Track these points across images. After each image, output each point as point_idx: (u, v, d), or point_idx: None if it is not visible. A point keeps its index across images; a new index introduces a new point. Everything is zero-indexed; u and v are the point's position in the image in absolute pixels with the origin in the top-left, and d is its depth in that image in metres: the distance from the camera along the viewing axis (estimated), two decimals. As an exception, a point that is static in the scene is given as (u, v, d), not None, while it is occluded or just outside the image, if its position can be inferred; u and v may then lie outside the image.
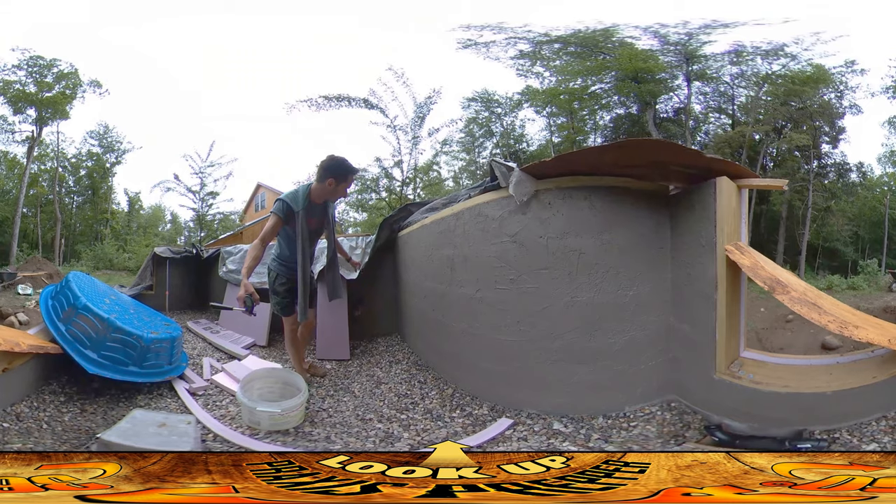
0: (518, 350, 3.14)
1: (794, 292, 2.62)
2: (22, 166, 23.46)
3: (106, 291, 4.45)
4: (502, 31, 19.71)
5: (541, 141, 23.69)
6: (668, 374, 2.97)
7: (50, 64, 22.40)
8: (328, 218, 4.04)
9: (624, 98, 20.39)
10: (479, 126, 24.18)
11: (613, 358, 2.94)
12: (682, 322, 2.92)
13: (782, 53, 17.50)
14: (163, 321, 4.46)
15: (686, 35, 18.08)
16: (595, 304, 2.92)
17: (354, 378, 4.46)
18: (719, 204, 2.65)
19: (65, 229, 25.75)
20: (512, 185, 2.97)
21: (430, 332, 4.45)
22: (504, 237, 3.14)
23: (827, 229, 18.61)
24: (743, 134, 17.63)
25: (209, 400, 3.80)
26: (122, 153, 27.36)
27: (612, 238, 2.92)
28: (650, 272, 2.96)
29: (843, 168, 19.11)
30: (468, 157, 25.21)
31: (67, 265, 21.14)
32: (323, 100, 21.05)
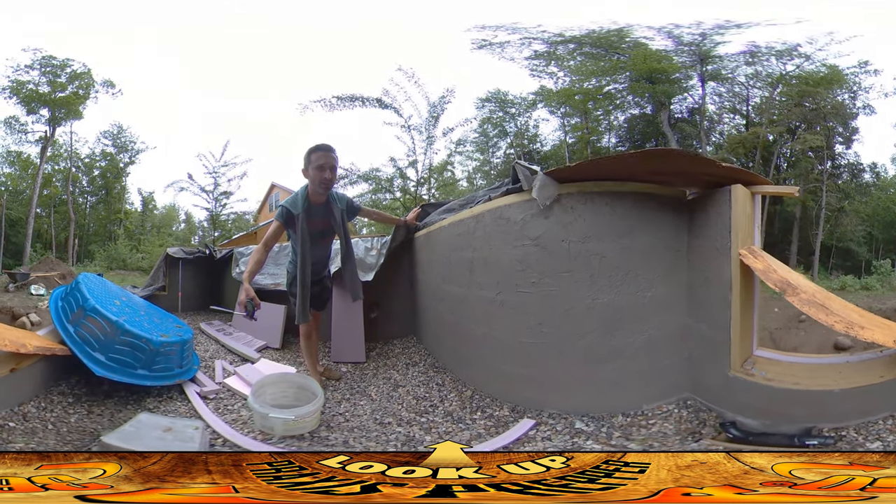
0: (540, 352, 3.24)
1: (803, 294, 2.74)
2: (35, 167, 23.67)
3: (117, 293, 4.49)
4: (517, 32, 19.74)
5: (555, 141, 23.74)
6: (685, 372, 3.09)
7: (63, 64, 22.60)
8: (334, 217, 4.00)
9: (638, 98, 20.36)
10: (494, 126, 24.20)
11: (632, 357, 3.06)
12: (698, 322, 3.04)
13: (796, 54, 17.48)
14: (174, 323, 4.50)
15: (700, 35, 18.07)
16: (615, 305, 3.04)
17: (371, 381, 4.50)
18: (734, 210, 2.77)
19: (78, 229, 26.00)
20: (535, 189, 3.07)
21: (448, 335, 4.50)
22: (526, 240, 3.24)
23: (840, 230, 18.53)
24: (757, 135, 17.59)
25: (220, 404, 3.79)
26: (135, 153, 27.59)
27: (632, 242, 3.04)
28: (668, 275, 3.09)
29: (857, 168, 19.05)
30: (482, 157, 25.23)
31: (81, 265, 21.33)
32: (336, 100, 21.07)
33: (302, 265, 3.97)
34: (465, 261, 3.95)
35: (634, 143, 21.72)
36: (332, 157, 3.79)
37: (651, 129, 20.77)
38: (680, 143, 19.94)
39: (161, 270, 8.37)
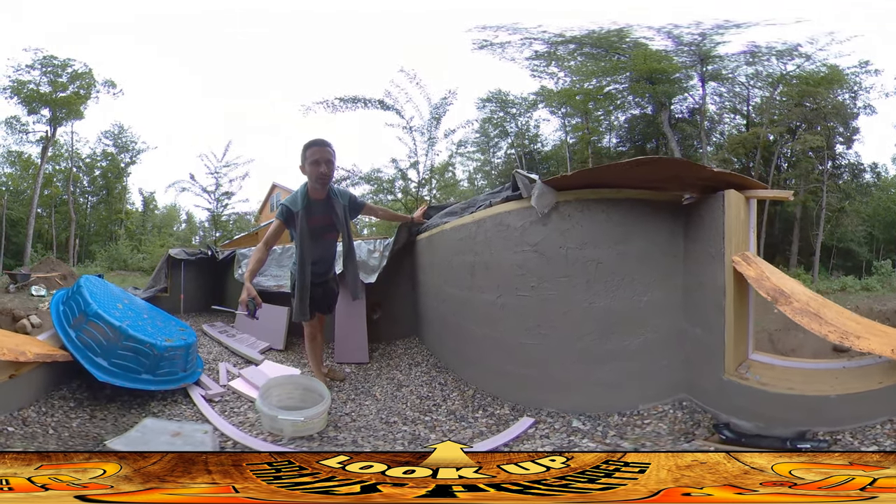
0: (539, 353, 3.34)
1: (796, 303, 2.78)
2: (36, 167, 23.73)
3: (119, 295, 4.47)
4: (517, 32, 19.80)
5: (555, 141, 23.81)
6: (680, 374, 3.17)
7: (64, 64, 22.64)
8: (336, 213, 3.94)
9: (639, 99, 20.43)
10: (494, 126, 24.28)
11: (628, 359, 3.15)
12: (694, 326, 3.12)
13: (797, 53, 17.54)
14: (177, 326, 4.50)
15: (699, 35, 18.12)
16: (611, 309, 3.13)
17: (374, 381, 4.57)
18: (727, 215, 2.84)
19: (79, 229, 26.08)
20: (534, 198, 3.17)
21: (450, 336, 4.58)
22: (525, 246, 3.34)
23: (841, 230, 18.60)
24: (757, 135, 17.65)
25: (226, 406, 3.80)
26: (136, 153, 27.65)
27: (628, 248, 3.12)
28: (664, 279, 3.17)
29: (857, 168, 19.10)
30: (483, 158, 25.30)
31: (81, 266, 21.36)
32: (339, 101, 21.05)
33: (301, 262, 3.95)
34: (466, 265, 4.03)
35: (635, 144, 21.81)
36: (327, 151, 3.75)
37: (651, 129, 20.84)
38: (680, 143, 20.01)
39: (163, 272, 8.24)
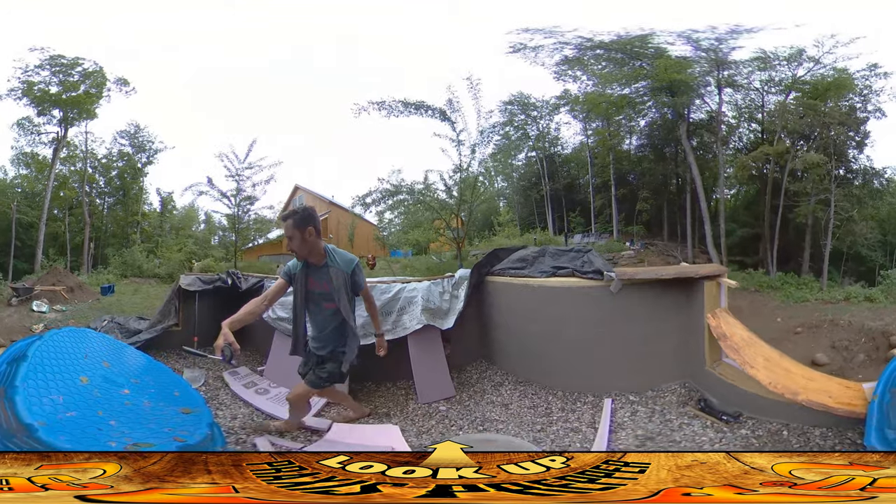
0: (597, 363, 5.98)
1: (729, 341, 5.16)
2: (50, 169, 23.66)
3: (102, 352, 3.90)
4: (552, 35, 19.82)
5: (575, 144, 24.89)
6: (683, 366, 5.88)
7: (74, 62, 22.31)
8: (331, 282, 3.94)
9: (659, 106, 20.82)
10: (516, 129, 25.00)
11: (654, 359, 5.90)
12: (692, 342, 5.87)
13: (804, 58, 17.79)
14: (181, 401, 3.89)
15: (716, 40, 18.45)
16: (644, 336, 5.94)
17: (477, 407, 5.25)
18: (706, 293, 5.73)
19: (94, 232, 25.89)
20: (613, 286, 5.62)
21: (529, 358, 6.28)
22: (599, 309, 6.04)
23: (851, 238, 18.80)
24: (767, 154, 18.34)
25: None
26: (153, 153, 27.13)
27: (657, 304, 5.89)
28: (675, 319, 5.98)
29: (869, 173, 19.31)
30: (503, 160, 25.65)
31: (95, 272, 21.14)
32: (400, 105, 19.35)
33: (294, 321, 4.15)
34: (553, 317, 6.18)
35: (655, 148, 22.41)
36: (286, 227, 3.83)
37: (671, 135, 21.31)
38: (697, 148, 20.38)
39: (173, 304, 7.53)
